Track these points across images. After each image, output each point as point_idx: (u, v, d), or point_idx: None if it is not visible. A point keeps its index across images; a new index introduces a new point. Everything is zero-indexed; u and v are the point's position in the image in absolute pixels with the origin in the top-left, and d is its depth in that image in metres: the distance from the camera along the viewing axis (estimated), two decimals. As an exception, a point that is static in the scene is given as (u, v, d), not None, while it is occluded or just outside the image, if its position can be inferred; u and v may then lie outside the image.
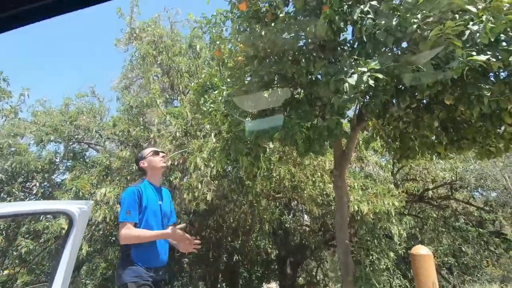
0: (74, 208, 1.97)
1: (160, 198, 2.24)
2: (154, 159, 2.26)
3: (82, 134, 9.89)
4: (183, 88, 7.81)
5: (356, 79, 2.36)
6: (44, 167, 8.97)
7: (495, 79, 2.76)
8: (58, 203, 2.34)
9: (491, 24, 2.12)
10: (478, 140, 3.24)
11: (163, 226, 2.20)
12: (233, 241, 11.36)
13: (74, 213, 1.95)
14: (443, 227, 12.88)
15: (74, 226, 1.95)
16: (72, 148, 9.95)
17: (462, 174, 10.26)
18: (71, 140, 9.67)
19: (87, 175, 6.93)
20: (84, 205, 2.04)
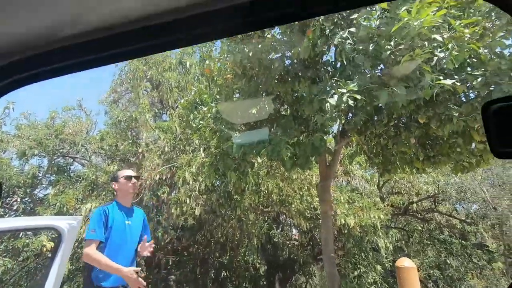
0: (63, 224, 2.00)
1: (128, 218, 2.34)
2: (125, 183, 2.35)
3: (68, 148, 9.74)
4: (172, 102, 7.90)
5: (337, 99, 2.53)
6: (26, 182, 8.74)
7: (464, 99, 3.00)
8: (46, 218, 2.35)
9: (456, 52, 2.35)
10: (452, 156, 3.46)
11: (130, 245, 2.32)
12: (221, 257, 11.20)
13: (63, 228, 1.98)
14: (428, 240, 13.13)
15: (62, 241, 1.97)
16: (56, 162, 9.76)
17: (444, 187, 10.62)
18: (55, 154, 9.50)
19: (72, 190, 6.81)
20: (73, 221, 2.08)
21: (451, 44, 2.42)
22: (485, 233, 12.04)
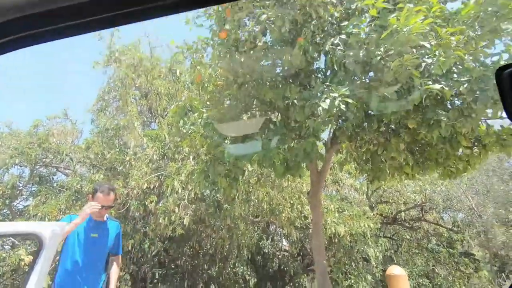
0: (45, 230, 1.89)
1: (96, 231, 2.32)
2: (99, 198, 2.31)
3: (51, 158, 9.41)
4: (161, 111, 7.81)
5: (329, 103, 2.55)
6: (5, 193, 8.36)
7: (451, 106, 3.08)
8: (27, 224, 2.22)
9: (443, 58, 2.42)
10: (440, 161, 3.52)
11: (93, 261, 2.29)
12: (210, 269, 10.91)
13: (44, 235, 1.87)
14: (417, 249, 13.24)
15: (43, 249, 1.86)
16: (38, 172, 9.40)
17: (431, 196, 10.80)
18: (38, 163, 9.16)
19: (54, 200, 6.54)
20: (57, 227, 1.97)
21: (438, 51, 2.49)
22: (471, 241, 12.25)
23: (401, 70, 2.43)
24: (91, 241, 2.30)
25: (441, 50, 2.49)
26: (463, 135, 3.07)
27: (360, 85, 2.80)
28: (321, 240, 3.88)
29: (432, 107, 2.93)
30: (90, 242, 2.28)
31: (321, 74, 3.46)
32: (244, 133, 3.58)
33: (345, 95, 2.55)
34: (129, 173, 6.24)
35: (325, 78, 3.31)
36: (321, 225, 3.88)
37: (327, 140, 4.01)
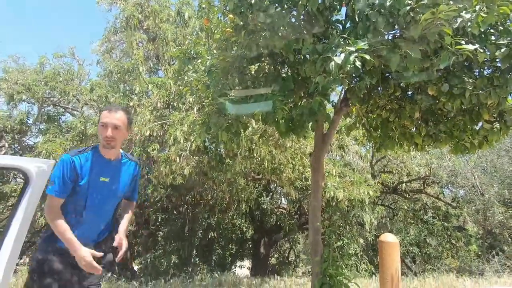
0: (31, 166, 1.82)
1: (108, 174, 1.84)
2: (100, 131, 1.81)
3: (58, 97, 9.39)
4: (168, 57, 7.47)
5: (343, 58, 2.28)
6: (14, 128, 8.51)
7: (479, 74, 2.77)
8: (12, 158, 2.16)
9: (484, 14, 2.07)
10: (455, 134, 3.30)
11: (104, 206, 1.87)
12: (210, 218, 11.45)
13: (30, 171, 1.81)
14: (412, 219, 13.54)
15: (29, 186, 1.81)
16: (46, 110, 9.46)
17: (436, 170, 10.66)
18: (45, 102, 9.17)
19: (60, 139, 6.62)
20: (43, 164, 1.90)
21: (479, 5, 2.12)
22: (468, 217, 12.39)
23: (431, 25, 2.10)
24: (100, 187, 1.82)
25: (484, 4, 2.12)
26: (487, 108, 2.81)
27: (382, 40, 2.48)
28: (318, 201, 3.86)
29: (458, 73, 2.62)
30: (98, 189, 1.81)
31: (340, 25, 3.09)
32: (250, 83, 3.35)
33: (363, 50, 2.26)
34: (133, 119, 6.18)
35: (344, 30, 2.96)
36: (320, 186, 3.83)
37: (337, 101, 3.77)
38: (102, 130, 1.78)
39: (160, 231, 11.57)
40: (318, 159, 3.85)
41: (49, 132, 7.91)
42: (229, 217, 12.04)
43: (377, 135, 4.08)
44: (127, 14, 6.82)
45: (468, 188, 10.95)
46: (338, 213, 9.39)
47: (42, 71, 9.06)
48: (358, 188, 7.62)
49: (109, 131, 1.75)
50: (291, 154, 6.86)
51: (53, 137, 7.47)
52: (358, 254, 11.15)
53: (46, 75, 8.76)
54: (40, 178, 1.87)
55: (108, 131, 1.75)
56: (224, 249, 12.87)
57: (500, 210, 10.97)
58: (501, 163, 10.39)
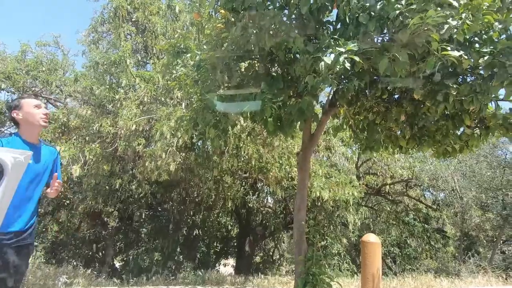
0: (6, 157, 1.74)
1: (33, 158, 1.90)
2: (33, 112, 1.91)
3: (40, 87, 9.05)
4: (157, 51, 7.33)
5: (333, 58, 2.29)
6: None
7: (462, 80, 2.85)
8: (-13, 148, 2.05)
9: (469, 22, 2.13)
10: (437, 138, 3.39)
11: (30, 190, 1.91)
12: (195, 215, 11.34)
13: (5, 162, 1.73)
14: (394, 220, 13.88)
15: (5, 176, 1.73)
16: (27, 100, 9.08)
17: (418, 173, 10.95)
18: (26, 91, 8.81)
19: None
20: (20, 155, 1.82)
21: (465, 13, 2.18)
22: (447, 220, 12.81)
23: (419, 30, 2.14)
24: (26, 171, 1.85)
25: (469, 12, 2.18)
26: (469, 114, 2.90)
27: (371, 43, 2.51)
28: (304, 200, 3.88)
29: (443, 79, 2.69)
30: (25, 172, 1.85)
31: (331, 27, 3.11)
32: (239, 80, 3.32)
33: (352, 51, 2.28)
34: (119, 112, 6.03)
35: (334, 32, 2.98)
36: (306, 185, 3.85)
37: (325, 102, 3.80)
38: (37, 111, 1.93)
39: (143, 228, 11.38)
40: (305, 159, 3.88)
41: (29, 123, 7.60)
42: (214, 215, 11.97)
43: (364, 137, 4.14)
44: (116, 5, 6.64)
45: (448, 191, 11.32)
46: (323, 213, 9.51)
47: (23, 59, 8.69)
48: (343, 189, 7.73)
49: (45, 110, 1.97)
50: (278, 153, 6.88)
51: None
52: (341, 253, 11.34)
53: (28, 64, 8.42)
54: (16, 169, 1.79)
55: (45, 110, 1.96)
56: (208, 247, 12.79)
57: (477, 214, 11.40)
58: (480, 168, 10.79)
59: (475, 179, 10.96)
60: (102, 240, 10.31)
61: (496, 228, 11.37)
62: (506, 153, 11.24)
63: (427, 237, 13.50)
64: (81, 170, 5.52)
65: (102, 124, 5.82)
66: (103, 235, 10.12)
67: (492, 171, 10.93)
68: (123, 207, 10.05)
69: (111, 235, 9.73)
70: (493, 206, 10.78)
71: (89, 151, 5.54)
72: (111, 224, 9.87)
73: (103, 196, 7.77)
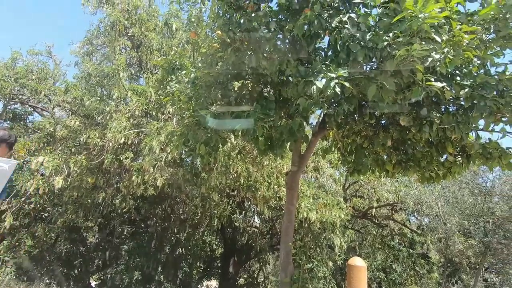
0: (-10, 165, 1.70)
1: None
2: None
3: (28, 95, 8.90)
4: (151, 66, 7.39)
5: (324, 83, 2.38)
6: (-27, 124, 7.89)
7: (445, 110, 2.99)
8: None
9: (451, 56, 2.28)
10: (422, 164, 3.49)
11: None
12: (179, 233, 11.02)
13: (-12, 170, 1.68)
14: (380, 244, 13.86)
15: (-14, 185, 1.68)
16: (12, 108, 8.90)
17: (404, 198, 11.11)
18: (13, 99, 8.65)
19: (24, 139, 6.20)
20: (4, 164, 1.78)
21: (447, 48, 2.34)
22: (431, 245, 12.90)
23: (405, 61, 2.27)
24: None
25: (451, 47, 2.34)
26: (451, 142, 3.02)
27: (360, 70, 2.64)
28: (291, 222, 3.86)
29: (427, 107, 2.83)
30: None
31: (323, 53, 3.25)
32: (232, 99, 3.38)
33: (343, 77, 2.39)
34: (108, 124, 5.96)
35: (326, 57, 3.12)
36: (294, 206, 3.85)
37: (315, 124, 3.89)
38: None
39: (124, 245, 10.93)
40: (293, 178, 3.90)
41: (12, 131, 7.40)
42: (199, 233, 11.68)
43: (351, 159, 4.22)
44: (113, 19, 6.73)
45: (432, 216, 11.49)
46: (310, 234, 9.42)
47: (13, 67, 8.58)
48: (331, 211, 7.74)
49: None
50: (267, 173, 6.89)
51: (17, 137, 6.99)
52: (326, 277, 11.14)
53: (17, 71, 8.31)
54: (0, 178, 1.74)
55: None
56: (191, 267, 12.35)
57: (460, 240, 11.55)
58: (462, 194, 11.06)
59: (458, 205, 11.20)
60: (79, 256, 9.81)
61: (479, 255, 11.50)
62: (486, 181, 11.60)
63: (412, 263, 13.49)
64: (64, 182, 5.34)
65: (89, 135, 5.73)
66: (80, 252, 9.65)
67: (473, 198, 11.22)
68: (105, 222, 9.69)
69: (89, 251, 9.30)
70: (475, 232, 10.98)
71: (74, 163, 5.40)
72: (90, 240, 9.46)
73: (84, 210, 7.50)
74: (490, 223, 10.66)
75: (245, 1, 3.32)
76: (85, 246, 9.23)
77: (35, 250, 10.05)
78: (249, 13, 3.21)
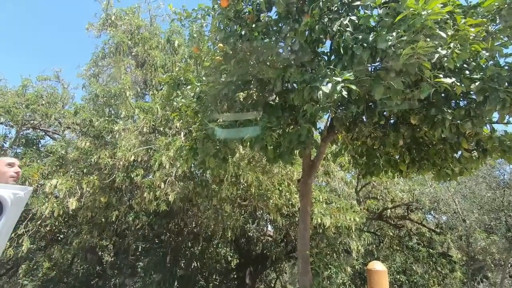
0: (5, 193, 1.72)
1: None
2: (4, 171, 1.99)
3: (39, 120, 9.12)
4: (156, 83, 7.51)
5: (330, 88, 2.36)
6: (-12, 151, 8.11)
7: (456, 105, 2.93)
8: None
9: (458, 51, 2.23)
10: (437, 162, 3.41)
11: None
12: (193, 247, 10.97)
13: (5, 198, 1.70)
14: (398, 246, 13.51)
15: (3, 214, 1.69)
16: (25, 134, 9.12)
17: (419, 196, 10.85)
18: (25, 124, 8.87)
19: (37, 164, 6.33)
20: (20, 191, 1.80)
21: (453, 43, 2.30)
22: (452, 244, 12.50)
23: (411, 59, 2.24)
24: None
25: (457, 42, 2.30)
26: (465, 137, 2.94)
27: (366, 72, 2.61)
28: (307, 229, 3.80)
29: (438, 104, 2.77)
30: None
31: (326, 57, 3.24)
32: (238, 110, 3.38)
33: (349, 80, 2.37)
34: (117, 143, 6.04)
35: (329, 62, 3.10)
36: (308, 214, 3.79)
37: (323, 129, 3.86)
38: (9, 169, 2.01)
39: (140, 262, 10.92)
40: (306, 185, 3.85)
41: (26, 156, 7.57)
42: (213, 245, 11.60)
43: (363, 162, 4.16)
44: (117, 40, 6.90)
45: (450, 214, 11.17)
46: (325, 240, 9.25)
47: (24, 93, 8.84)
48: (345, 215, 7.61)
49: (17, 168, 2.05)
50: (278, 180, 6.84)
51: (30, 162, 7.14)
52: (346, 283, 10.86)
53: (28, 98, 8.54)
54: (16, 205, 1.76)
55: (17, 168, 2.05)
56: (207, 280, 12.22)
57: (482, 236, 11.16)
58: (479, 189, 10.75)
59: (476, 201, 10.87)
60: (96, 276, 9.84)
61: (503, 251, 11.08)
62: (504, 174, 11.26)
63: (433, 263, 13.08)
64: (77, 203, 5.41)
65: (100, 155, 5.81)
66: (97, 271, 9.68)
67: (492, 192, 10.88)
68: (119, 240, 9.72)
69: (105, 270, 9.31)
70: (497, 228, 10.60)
71: (87, 183, 5.47)
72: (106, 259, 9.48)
73: (99, 229, 7.55)
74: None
75: (244, 13, 3.35)
76: (101, 265, 9.25)
77: (53, 272, 10.13)
78: (249, 24, 3.23)
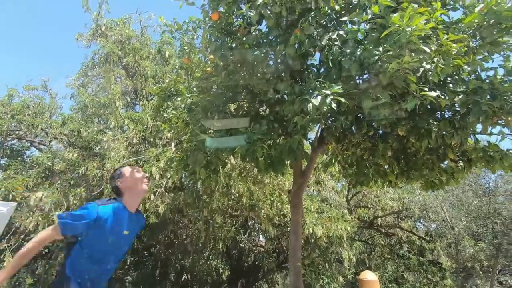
0: (-12, 210, 1.66)
1: (128, 227, 1.89)
2: (136, 177, 1.94)
3: (25, 130, 8.89)
4: (146, 93, 7.48)
5: (320, 100, 2.41)
6: (-30, 163, 7.84)
7: (441, 117, 3.02)
8: (-31, 202, 1.97)
9: (442, 65, 2.32)
10: (424, 172, 3.48)
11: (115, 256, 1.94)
12: (184, 259, 10.74)
13: (-13, 215, 1.64)
14: (389, 254, 13.57)
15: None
16: (9, 144, 8.88)
17: (408, 205, 11.00)
18: (10, 135, 8.63)
19: (22, 176, 6.14)
20: (3, 207, 1.74)
21: (437, 58, 2.39)
22: (441, 251, 12.64)
23: (398, 73, 2.31)
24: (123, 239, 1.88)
25: (441, 57, 2.39)
26: (451, 148, 3.03)
27: (354, 85, 2.68)
28: (298, 240, 3.78)
29: (424, 116, 2.85)
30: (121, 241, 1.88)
31: (315, 70, 3.31)
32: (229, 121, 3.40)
33: (338, 93, 2.42)
34: (106, 154, 5.93)
35: (319, 74, 3.17)
36: (300, 224, 3.79)
37: (314, 140, 3.90)
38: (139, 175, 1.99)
39: (128, 276, 10.61)
40: (297, 196, 3.86)
41: (10, 168, 7.34)
42: (204, 257, 11.39)
43: (353, 171, 4.20)
44: (107, 51, 6.87)
45: (439, 222, 11.34)
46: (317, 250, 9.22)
47: (9, 103, 8.63)
48: (336, 224, 7.62)
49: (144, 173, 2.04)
50: (269, 190, 6.82)
51: (15, 173, 6.93)
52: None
53: (13, 108, 8.35)
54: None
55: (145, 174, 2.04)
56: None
57: (470, 243, 11.34)
58: (466, 197, 10.99)
59: (464, 208, 11.09)
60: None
61: (491, 258, 11.27)
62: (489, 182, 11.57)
63: (423, 271, 13.16)
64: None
65: (88, 167, 5.69)
66: (83, 287, 9.32)
67: (478, 199, 11.13)
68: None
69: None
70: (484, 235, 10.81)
71: (74, 196, 5.33)
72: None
73: (85, 243, 7.32)
74: (498, 224, 10.52)
75: (235, 26, 3.41)
76: (87, 280, 8.92)
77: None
78: (240, 37, 3.28)
